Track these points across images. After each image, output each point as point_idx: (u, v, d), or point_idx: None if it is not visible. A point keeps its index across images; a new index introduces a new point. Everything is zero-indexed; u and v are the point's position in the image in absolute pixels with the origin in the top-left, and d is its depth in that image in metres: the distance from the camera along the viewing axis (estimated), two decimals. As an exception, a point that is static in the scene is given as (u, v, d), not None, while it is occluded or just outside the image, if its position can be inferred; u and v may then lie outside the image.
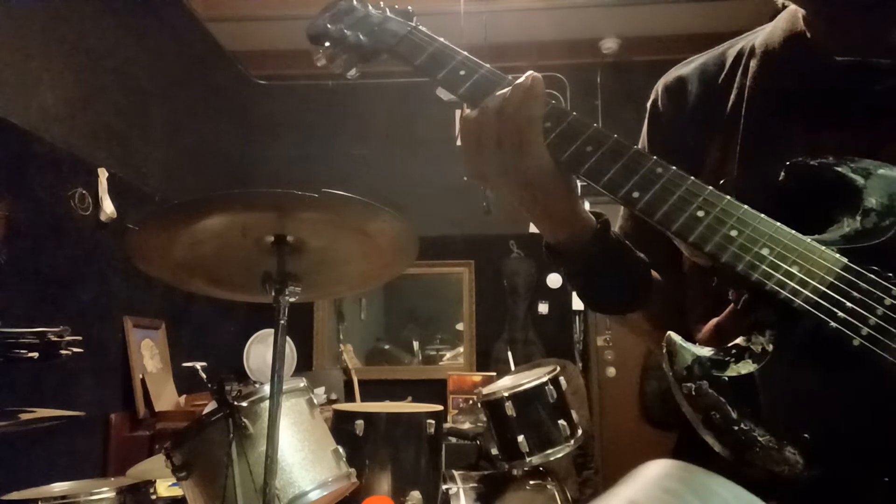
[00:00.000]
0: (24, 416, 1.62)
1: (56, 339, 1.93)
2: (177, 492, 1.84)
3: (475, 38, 3.96)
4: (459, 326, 4.61)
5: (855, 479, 0.61)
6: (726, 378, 0.65)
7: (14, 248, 2.41)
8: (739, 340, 0.67)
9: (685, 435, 0.76)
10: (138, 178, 3.29)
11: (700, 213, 0.70)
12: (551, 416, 2.23)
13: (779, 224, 0.68)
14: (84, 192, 2.82)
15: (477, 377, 4.01)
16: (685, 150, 0.87)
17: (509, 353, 4.11)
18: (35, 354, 1.88)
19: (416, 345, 4.69)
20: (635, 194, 0.72)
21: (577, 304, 4.42)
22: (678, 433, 0.84)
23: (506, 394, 2.24)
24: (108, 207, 2.91)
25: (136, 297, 3.15)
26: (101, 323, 2.92)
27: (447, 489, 2.20)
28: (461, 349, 4.56)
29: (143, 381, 3.07)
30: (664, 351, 0.70)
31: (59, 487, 1.78)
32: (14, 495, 1.69)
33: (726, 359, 0.66)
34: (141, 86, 3.40)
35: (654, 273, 0.92)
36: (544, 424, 2.22)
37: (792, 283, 0.65)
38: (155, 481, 1.84)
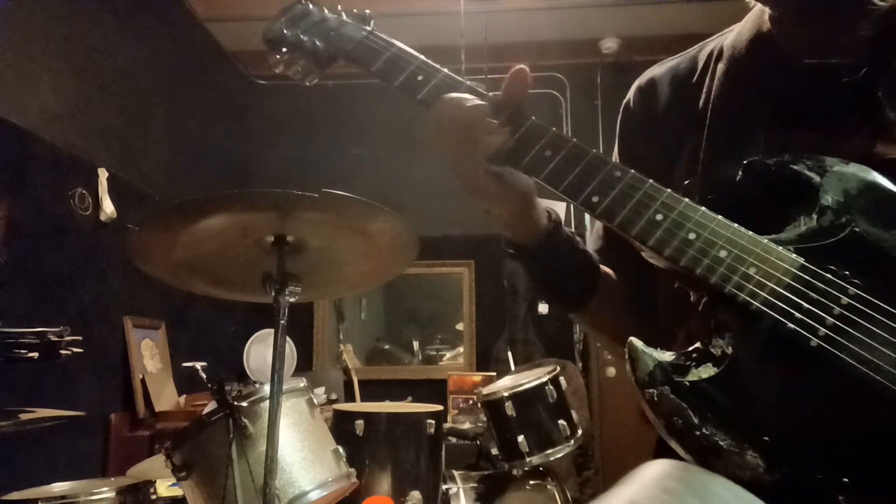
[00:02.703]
0: (24, 416, 1.62)
1: (56, 339, 1.93)
2: (177, 492, 1.84)
3: (475, 38, 3.96)
4: (459, 326, 4.60)
5: (815, 481, 0.60)
6: (687, 383, 0.65)
7: (14, 248, 2.41)
8: (700, 344, 0.67)
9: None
10: (138, 178, 3.29)
11: (658, 217, 0.70)
12: (551, 416, 2.23)
13: (736, 225, 0.68)
14: (84, 192, 2.82)
15: (477, 377, 4.01)
16: (657, 151, 0.88)
17: (509, 353, 4.11)
18: (35, 354, 1.88)
19: (416, 345, 4.69)
20: (594, 199, 0.73)
21: (577, 304, 4.41)
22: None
23: (506, 394, 2.24)
24: (108, 207, 2.91)
25: (136, 297, 3.14)
26: (101, 323, 2.92)
27: (447, 489, 2.20)
28: (461, 349, 4.56)
29: (143, 381, 3.07)
30: (626, 357, 0.69)
31: (59, 487, 1.78)
32: (14, 495, 1.69)
33: (687, 363, 0.66)
34: (141, 86, 3.40)
35: (609, 272, 0.94)
36: (544, 424, 2.22)
37: (749, 286, 0.65)
38: (155, 481, 1.84)
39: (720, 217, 0.69)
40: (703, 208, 0.70)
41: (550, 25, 4.28)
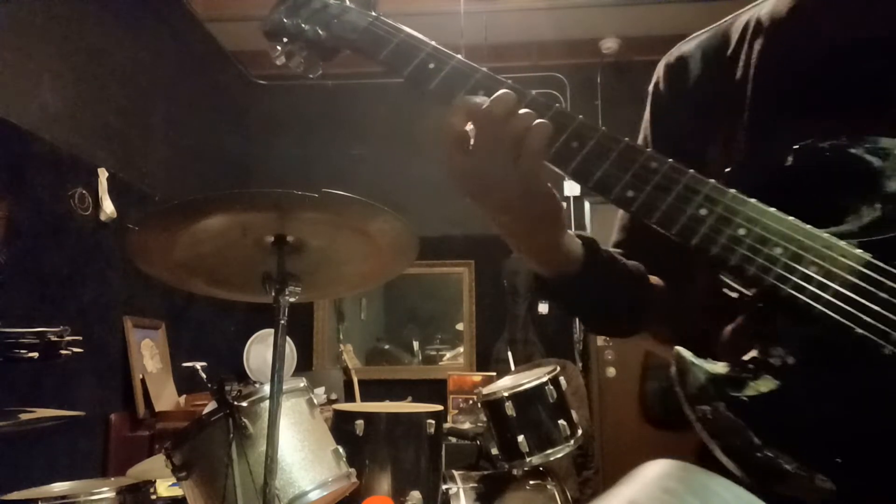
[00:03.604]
0: (24, 416, 1.62)
1: (56, 339, 1.93)
2: (177, 492, 1.84)
3: (475, 38, 3.96)
4: (459, 326, 4.60)
5: None
6: (745, 398, 0.58)
7: (14, 248, 2.41)
8: (755, 352, 0.60)
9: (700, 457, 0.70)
10: (138, 178, 3.29)
11: (702, 212, 0.62)
12: (551, 416, 2.23)
13: (791, 218, 0.61)
14: (84, 192, 2.82)
15: (477, 377, 4.01)
16: (689, 134, 0.81)
17: (509, 353, 4.10)
18: (35, 354, 1.88)
19: (416, 345, 4.69)
20: (629, 193, 0.65)
21: (577, 304, 4.41)
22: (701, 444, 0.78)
23: (506, 394, 2.24)
24: (108, 207, 2.91)
25: (136, 297, 3.14)
26: (101, 323, 2.92)
27: (447, 489, 2.19)
28: (461, 349, 4.56)
29: (143, 381, 3.07)
30: (674, 369, 0.63)
31: (59, 487, 1.78)
32: (14, 495, 1.69)
33: (743, 375, 0.59)
34: (141, 86, 3.40)
35: (658, 281, 0.85)
36: (544, 424, 2.22)
37: (810, 287, 0.58)
38: (155, 481, 1.84)
39: (773, 209, 0.61)
40: (753, 200, 0.62)
41: (550, 25, 4.28)
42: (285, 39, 0.82)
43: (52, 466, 2.50)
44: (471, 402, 3.83)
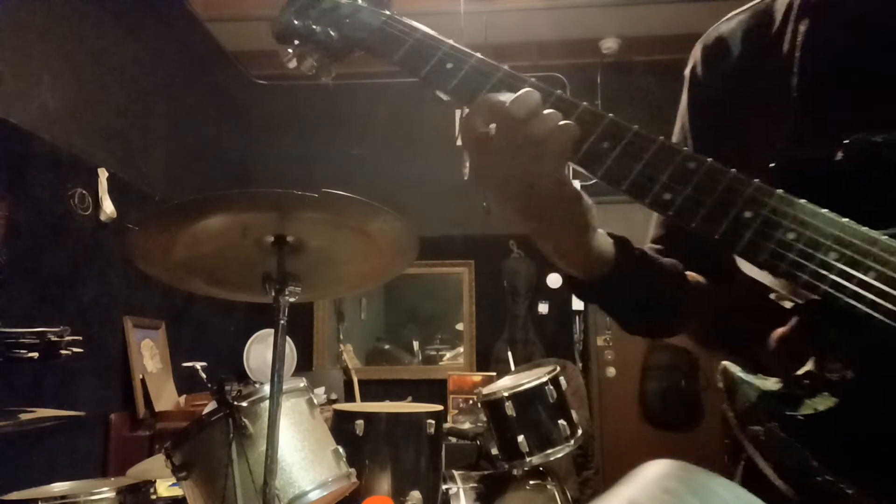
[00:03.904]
0: (24, 416, 1.62)
1: (56, 339, 1.93)
2: (177, 492, 1.84)
3: (475, 38, 3.96)
4: (459, 326, 4.60)
5: None
6: (801, 417, 0.53)
7: (14, 248, 2.41)
8: (811, 366, 0.56)
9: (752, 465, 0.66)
10: (138, 178, 3.29)
11: (747, 214, 0.57)
12: (551, 416, 2.23)
13: (845, 220, 0.56)
14: (84, 192, 2.82)
15: (477, 377, 4.01)
16: (730, 122, 0.75)
17: (509, 353, 4.11)
18: (35, 354, 1.88)
19: (416, 345, 4.69)
20: (666, 196, 0.59)
21: (578, 304, 4.42)
22: (744, 462, 0.72)
23: (506, 394, 2.24)
24: (108, 207, 2.91)
25: (136, 297, 3.14)
26: (101, 323, 2.92)
27: (447, 489, 2.19)
28: (461, 349, 4.56)
29: (143, 381, 3.07)
30: (721, 386, 0.58)
31: (59, 487, 1.78)
32: (14, 495, 1.69)
33: (798, 392, 0.54)
34: (141, 86, 3.40)
35: (698, 278, 0.79)
36: (544, 424, 2.22)
37: (869, 295, 0.53)
38: (155, 481, 1.84)
39: (825, 210, 0.56)
40: (802, 201, 0.57)
41: (550, 25, 4.28)
42: (296, 42, 0.78)
43: (52, 466, 2.50)
44: (471, 402, 3.83)
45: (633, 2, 4.11)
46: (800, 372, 0.56)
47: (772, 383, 0.56)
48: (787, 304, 0.60)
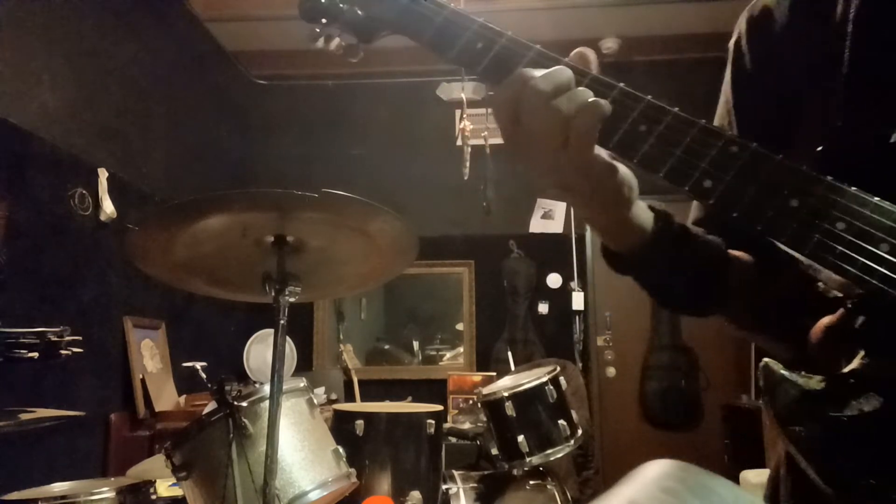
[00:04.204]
0: (24, 416, 1.62)
1: (56, 339, 1.93)
2: (177, 492, 1.84)
3: (475, 38, 3.95)
4: (459, 326, 4.60)
5: None
6: (845, 418, 0.51)
7: (14, 248, 2.41)
8: (857, 363, 0.53)
9: (789, 474, 0.62)
10: (138, 178, 3.29)
11: (793, 203, 0.54)
12: (551, 416, 2.23)
13: None
14: (84, 192, 2.82)
15: (477, 377, 4.01)
16: (777, 98, 0.70)
17: (509, 353, 4.11)
18: (35, 354, 1.88)
19: (416, 345, 4.69)
20: (706, 183, 0.56)
21: (578, 304, 4.42)
22: (771, 474, 0.69)
23: (506, 394, 2.24)
24: (108, 207, 2.91)
25: (136, 297, 3.14)
26: (101, 323, 2.92)
27: (447, 489, 2.19)
28: (461, 349, 4.56)
29: (143, 381, 3.07)
30: (762, 383, 0.56)
31: (59, 487, 1.78)
32: (14, 495, 1.69)
33: (843, 392, 0.51)
34: (141, 86, 3.40)
35: (742, 256, 0.75)
36: (544, 424, 2.22)
37: None
38: (155, 481, 1.84)
39: (876, 199, 0.53)
40: (853, 189, 0.53)
41: (550, 25, 4.28)
42: (323, 21, 0.73)
43: (52, 466, 2.50)
44: (471, 402, 3.83)
45: (633, 2, 4.11)
46: (845, 370, 0.53)
47: (815, 382, 0.53)
48: (831, 295, 0.57)
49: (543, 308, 4.48)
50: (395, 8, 0.70)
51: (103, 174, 2.93)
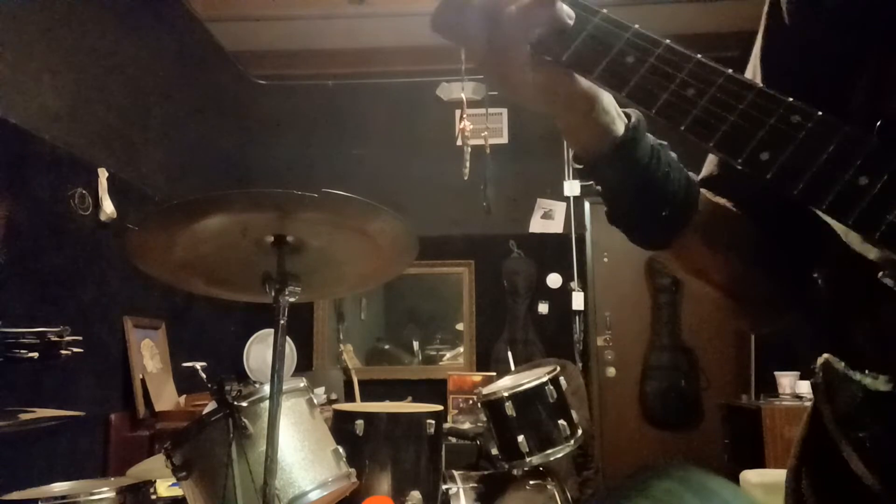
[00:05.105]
0: (24, 416, 1.62)
1: (56, 339, 1.93)
2: (177, 492, 1.84)
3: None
4: (459, 326, 4.60)
5: None
6: None
7: (14, 248, 2.41)
8: None
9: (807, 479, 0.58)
10: (138, 178, 3.29)
11: (862, 181, 0.47)
12: (551, 416, 2.23)
13: None
14: (84, 192, 2.82)
15: (477, 377, 4.01)
16: (826, 64, 0.60)
17: (509, 353, 4.11)
18: (35, 354, 1.88)
19: (416, 345, 4.69)
20: (763, 156, 0.50)
21: (578, 304, 4.42)
22: (789, 482, 0.63)
23: (506, 394, 2.24)
24: (108, 207, 2.91)
25: (136, 297, 3.14)
26: (101, 323, 2.92)
27: (447, 489, 2.19)
28: (461, 349, 4.56)
29: (143, 381, 3.07)
30: (820, 381, 0.51)
31: (59, 487, 1.78)
32: (14, 495, 1.69)
33: None
34: (141, 86, 3.40)
35: (733, 210, 0.68)
36: (544, 424, 2.22)
37: None
38: (155, 481, 1.84)
39: None
40: None
41: (550, 25, 4.28)
42: None
43: (52, 466, 2.50)
44: (471, 402, 3.84)
45: (633, 2, 4.11)
46: None
47: (881, 382, 0.48)
48: None
49: (543, 308, 4.48)
50: None
51: (103, 174, 2.93)
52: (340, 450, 1.63)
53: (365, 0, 0.69)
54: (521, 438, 2.18)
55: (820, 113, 0.50)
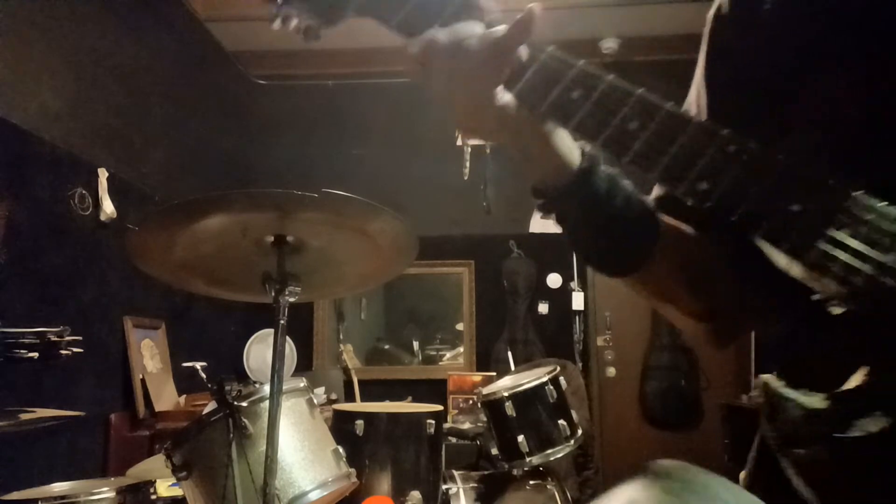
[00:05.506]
0: (24, 416, 1.62)
1: (56, 339, 1.93)
2: (177, 492, 1.84)
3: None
4: (459, 326, 4.60)
5: None
6: (850, 440, 0.47)
7: (14, 248, 2.41)
8: (860, 377, 0.49)
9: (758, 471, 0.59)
10: (138, 178, 3.29)
11: (796, 208, 0.50)
12: (551, 416, 2.23)
13: None
14: (84, 192, 2.82)
15: (477, 377, 4.01)
16: (770, 81, 0.62)
17: (509, 353, 4.11)
18: (35, 354, 1.88)
19: (416, 345, 4.69)
20: (703, 186, 0.52)
21: (577, 304, 4.42)
22: (749, 469, 0.66)
23: (506, 394, 2.24)
24: (108, 207, 2.91)
25: (136, 297, 3.14)
26: (101, 323, 2.91)
27: (447, 489, 2.19)
28: (461, 349, 4.56)
29: (143, 381, 3.07)
30: (762, 402, 0.53)
31: (59, 487, 1.78)
32: (14, 495, 1.69)
33: (848, 411, 0.48)
34: (141, 86, 3.40)
35: (683, 228, 0.70)
36: (544, 424, 2.22)
37: None
38: (155, 481, 1.84)
39: (882, 204, 0.49)
40: (860, 192, 0.49)
41: (550, 25, 4.25)
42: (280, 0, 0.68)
43: (52, 466, 2.50)
44: (471, 402, 3.84)
45: (633, 2, 4.11)
46: (849, 387, 0.49)
47: (818, 400, 0.49)
48: (836, 310, 0.52)
49: (543, 308, 4.48)
50: None
51: (103, 174, 2.93)
52: (340, 450, 1.62)
53: (319, 38, 0.69)
54: (521, 438, 2.18)
55: (753, 143, 0.52)
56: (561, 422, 2.22)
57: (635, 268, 0.68)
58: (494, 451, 2.30)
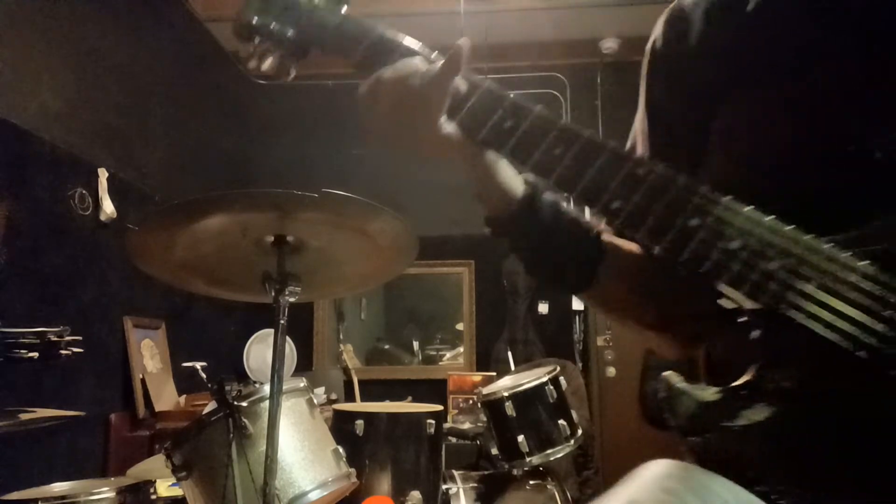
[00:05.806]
0: (24, 416, 1.62)
1: (56, 339, 1.93)
2: (177, 492, 1.84)
3: (475, 38, 3.94)
4: (459, 326, 4.60)
5: None
6: (737, 428, 0.53)
7: (14, 248, 2.41)
8: (749, 375, 0.55)
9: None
10: (138, 178, 3.29)
11: (693, 222, 0.56)
12: (551, 416, 2.23)
13: (788, 228, 0.54)
14: (84, 192, 2.82)
15: (477, 377, 4.01)
16: (688, 110, 0.69)
17: (509, 353, 4.11)
18: (35, 354, 1.88)
19: (416, 345, 4.69)
20: (615, 205, 0.59)
21: (577, 304, 4.42)
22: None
23: (506, 394, 2.24)
24: (108, 207, 2.91)
25: (136, 297, 3.14)
26: (101, 323, 2.91)
27: (447, 489, 2.19)
28: (461, 349, 4.56)
29: (143, 381, 3.07)
30: (663, 395, 0.60)
31: (59, 487, 1.78)
32: (14, 495, 1.69)
33: (736, 402, 0.54)
34: (141, 86, 3.40)
35: (623, 245, 0.76)
36: (544, 424, 2.22)
37: (809, 305, 0.52)
38: (155, 481, 1.84)
39: (770, 219, 0.55)
40: (749, 208, 0.55)
41: (550, 25, 4.28)
42: (257, 39, 0.78)
43: (52, 466, 2.50)
44: (471, 402, 3.83)
45: (633, 2, 4.11)
46: (739, 382, 0.55)
47: (710, 393, 0.56)
48: (730, 307, 0.59)
49: (543, 308, 4.48)
50: (325, 28, 0.75)
51: (103, 174, 2.93)
52: (340, 450, 1.63)
53: (292, 74, 0.76)
54: (521, 438, 2.18)
55: (661, 165, 0.58)
56: (561, 422, 2.22)
57: (583, 287, 0.75)
58: (494, 451, 2.30)
